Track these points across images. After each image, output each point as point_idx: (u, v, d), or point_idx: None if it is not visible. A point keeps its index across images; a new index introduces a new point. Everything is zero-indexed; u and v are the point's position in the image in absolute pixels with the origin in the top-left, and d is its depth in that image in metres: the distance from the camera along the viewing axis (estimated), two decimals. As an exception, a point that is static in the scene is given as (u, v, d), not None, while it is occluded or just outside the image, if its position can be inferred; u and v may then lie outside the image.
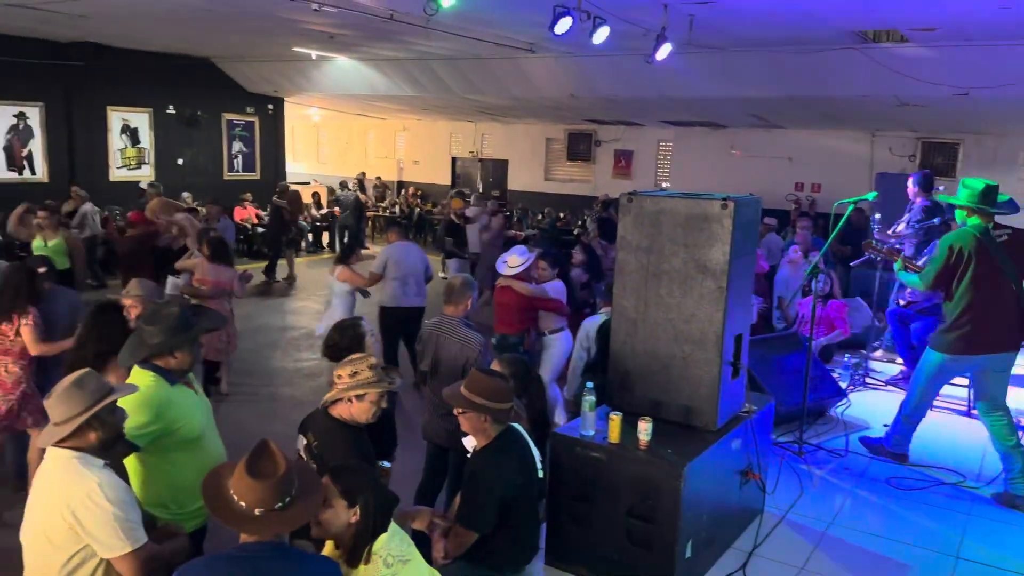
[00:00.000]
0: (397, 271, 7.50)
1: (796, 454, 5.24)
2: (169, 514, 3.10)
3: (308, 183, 20.38)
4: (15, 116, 13.50)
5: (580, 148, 18.43)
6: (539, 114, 16.93)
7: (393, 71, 13.98)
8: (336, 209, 16.58)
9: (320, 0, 8.11)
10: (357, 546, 2.52)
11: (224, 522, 2.27)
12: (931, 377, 5.05)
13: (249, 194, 15.90)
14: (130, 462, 3.08)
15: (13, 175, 13.47)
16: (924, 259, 5.61)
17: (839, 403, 6.22)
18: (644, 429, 3.54)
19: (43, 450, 2.68)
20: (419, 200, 19.47)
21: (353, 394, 3.17)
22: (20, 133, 13.61)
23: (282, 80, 16.09)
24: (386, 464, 3.32)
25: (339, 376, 3.26)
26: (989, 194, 4.79)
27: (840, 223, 5.50)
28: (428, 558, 2.91)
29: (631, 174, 17.44)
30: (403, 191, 20.55)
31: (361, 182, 18.10)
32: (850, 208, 5.51)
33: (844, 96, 10.67)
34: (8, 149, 13.47)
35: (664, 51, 8.18)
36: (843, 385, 6.49)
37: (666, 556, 3.46)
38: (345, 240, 15.61)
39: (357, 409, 3.19)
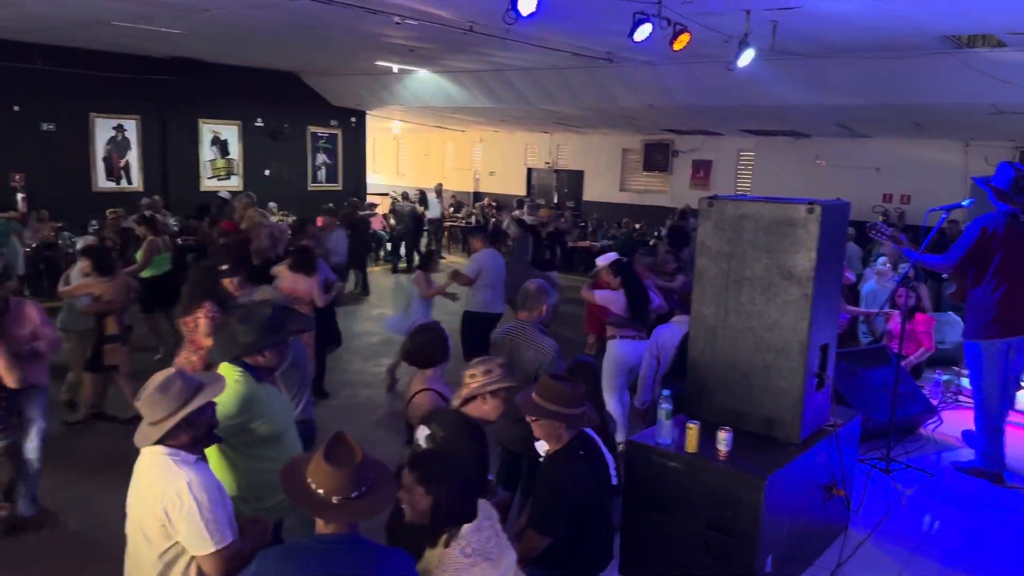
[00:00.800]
0: (489, 278, 7.69)
1: (883, 471, 5.03)
2: (248, 508, 3.19)
3: (387, 194, 20.82)
4: (114, 129, 14.23)
5: (657, 158, 18.27)
6: (615, 124, 16.86)
7: (471, 83, 14.16)
8: (391, 222, 16.79)
9: (402, 13, 8.28)
10: (432, 530, 2.62)
11: (302, 508, 2.34)
12: (984, 371, 4.90)
13: (331, 204, 16.29)
14: (212, 456, 3.16)
15: (111, 184, 14.19)
16: None
17: (929, 421, 5.95)
18: (724, 439, 3.45)
19: None
20: (495, 211, 19.61)
21: (488, 391, 3.25)
22: (118, 145, 14.34)
23: (364, 93, 16.49)
24: (490, 476, 3.39)
25: (472, 375, 3.36)
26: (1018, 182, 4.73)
27: (932, 233, 5.28)
28: None
29: (709, 185, 17.18)
30: (479, 202, 20.74)
31: (439, 193, 18.34)
32: (943, 217, 5.29)
33: (936, 104, 10.26)
34: (107, 160, 14.20)
35: (746, 58, 8.03)
36: (933, 402, 6.21)
37: (745, 570, 3.36)
38: (401, 252, 15.82)
39: (489, 407, 3.30)
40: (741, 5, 7.23)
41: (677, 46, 7.55)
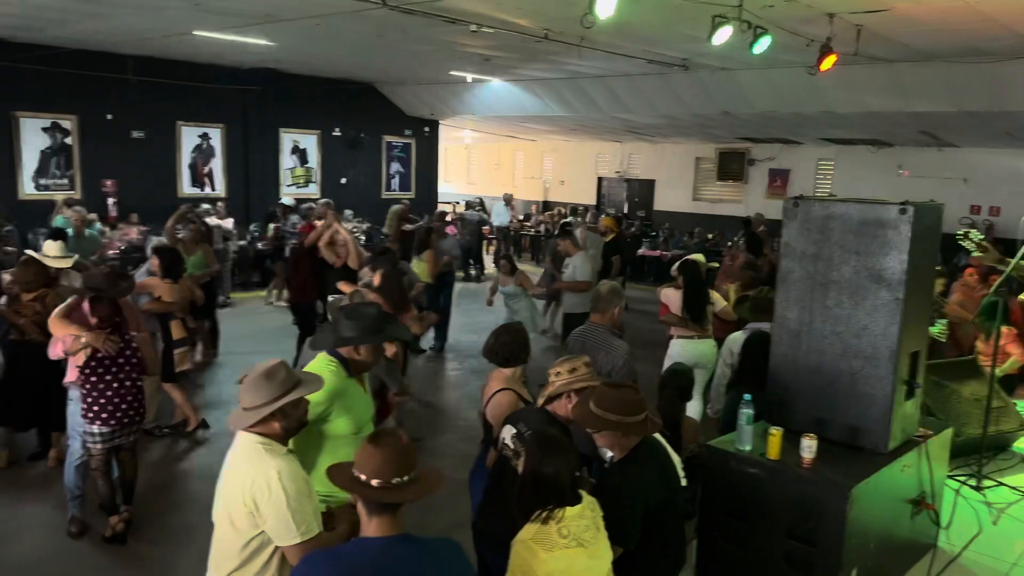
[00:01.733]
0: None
1: (974, 488, 4.81)
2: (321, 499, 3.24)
3: (457, 203, 21.04)
4: (199, 137, 14.78)
5: (732, 167, 17.98)
6: (688, 132, 16.67)
7: (543, 91, 14.21)
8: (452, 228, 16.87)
9: (479, 21, 8.38)
10: (529, 504, 2.70)
11: (345, 489, 2.34)
12: None
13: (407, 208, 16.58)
14: (296, 446, 3.25)
15: (196, 190, 14.73)
16: None
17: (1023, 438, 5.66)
18: (808, 446, 3.35)
19: None
20: (564, 218, 19.59)
21: (573, 388, 3.25)
22: (203, 153, 14.89)
23: (438, 103, 16.72)
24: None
25: (557, 373, 3.37)
26: None
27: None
28: None
29: (786, 194, 16.78)
30: (548, 211, 20.76)
31: (508, 202, 18.43)
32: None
33: (1028, 111, 9.84)
34: (193, 167, 14.75)
35: (829, 62, 7.84)
36: (1029, 419, 5.90)
37: (829, 582, 3.26)
38: (470, 260, 15.88)
39: (573, 405, 3.27)
40: (825, 8, 7.07)
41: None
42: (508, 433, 3.43)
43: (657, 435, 3.37)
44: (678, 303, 6.36)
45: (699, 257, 6.90)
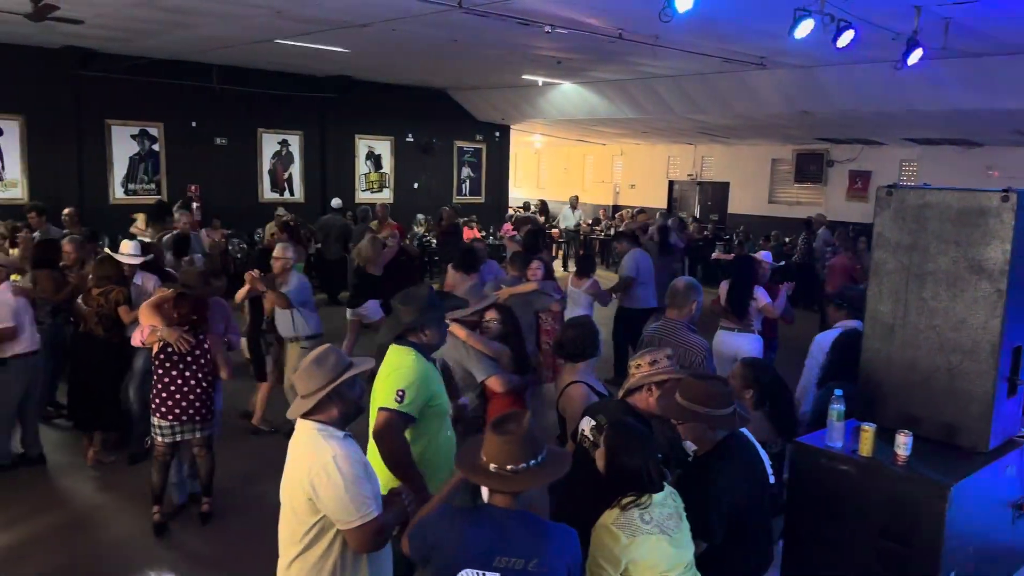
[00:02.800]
0: (643, 275, 8.41)
1: (1080, 497, 4.54)
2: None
3: (520, 207, 21.08)
4: (279, 143, 15.20)
5: (810, 169, 17.52)
6: (765, 133, 16.32)
7: (615, 94, 14.13)
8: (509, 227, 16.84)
9: (553, 22, 8.39)
10: (611, 490, 2.72)
11: (473, 479, 2.39)
12: None
13: (475, 216, 16.74)
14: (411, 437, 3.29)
15: (276, 195, 15.15)
16: None
17: None
18: (903, 443, 3.23)
19: None
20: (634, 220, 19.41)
21: (653, 381, 3.24)
22: (283, 159, 15.31)
23: (509, 108, 16.81)
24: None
25: (637, 365, 3.35)
26: None
27: None
28: None
29: (867, 197, 16.26)
30: (618, 214, 20.62)
31: (574, 206, 18.33)
32: None
33: None
34: (272, 173, 15.18)
35: (915, 57, 7.57)
36: None
37: (925, 585, 3.13)
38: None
39: (654, 398, 3.26)
40: (911, 0, 6.83)
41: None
42: (587, 424, 3.41)
43: (745, 430, 3.30)
44: (725, 295, 6.56)
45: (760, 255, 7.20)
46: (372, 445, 3.30)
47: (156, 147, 13.61)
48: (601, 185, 22.17)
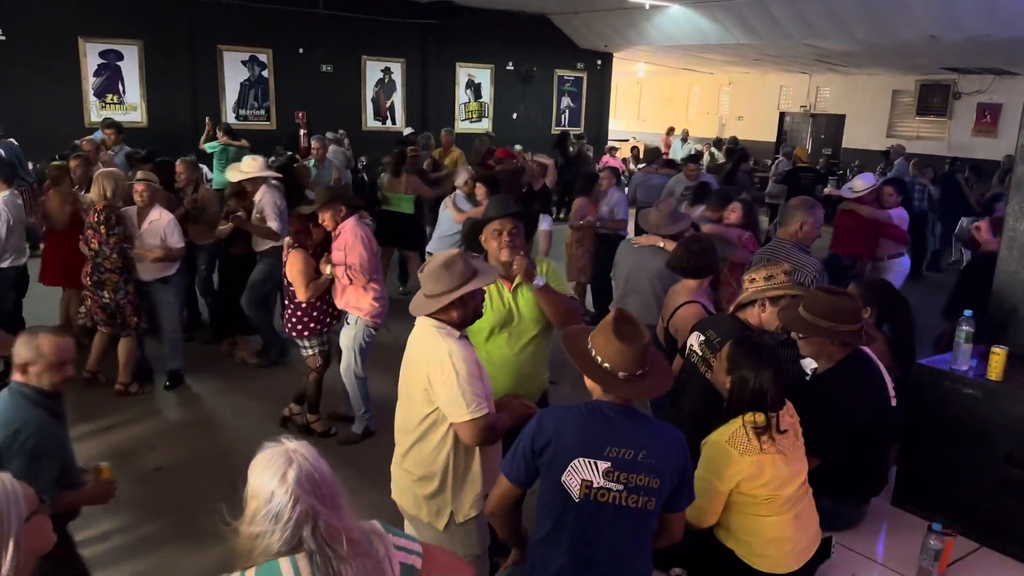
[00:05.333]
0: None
1: None
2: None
3: (627, 140, 20.63)
4: (382, 71, 15.28)
5: (933, 101, 16.39)
6: (886, 62, 15.30)
7: (726, 17, 13.46)
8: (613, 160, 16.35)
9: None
10: (727, 409, 2.68)
11: (589, 376, 2.39)
12: None
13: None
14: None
15: (378, 124, 15.31)
16: None
17: None
18: (1037, 367, 3.02)
19: None
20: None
21: (768, 296, 3.15)
22: (385, 87, 15.40)
23: (612, 34, 16.31)
24: None
25: (752, 280, 3.26)
26: None
27: None
28: None
29: (996, 132, 15.15)
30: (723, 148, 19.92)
31: (684, 139, 17.76)
32: None
33: None
34: (375, 101, 15.31)
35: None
36: None
37: (1053, 516, 2.95)
38: None
39: (768, 315, 3.19)
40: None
41: None
42: (696, 340, 3.34)
43: (869, 350, 3.16)
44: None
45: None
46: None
47: (265, 73, 13.92)
48: (706, 117, 21.41)
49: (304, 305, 5.01)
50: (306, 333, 5.09)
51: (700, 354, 3.29)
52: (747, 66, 18.62)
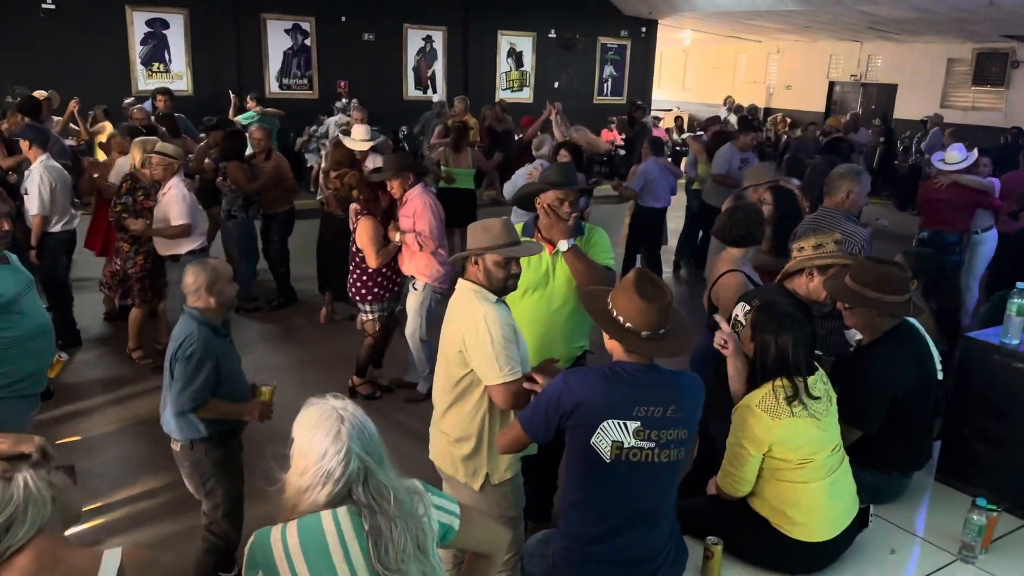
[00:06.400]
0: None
1: None
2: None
3: (670, 110, 20.31)
4: (423, 40, 15.20)
5: (991, 70, 15.79)
6: (942, 29, 14.75)
7: (777, -17, 13.11)
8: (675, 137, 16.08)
9: None
10: (753, 372, 2.68)
11: (611, 335, 2.38)
12: None
13: (615, 118, 16.22)
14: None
15: (419, 93, 15.27)
16: None
17: None
18: (1092, 341, 2.92)
19: None
20: (787, 128, 18.30)
21: (816, 264, 3.11)
22: (427, 55, 15.33)
23: (658, 0, 15.98)
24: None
25: (800, 248, 3.22)
26: None
27: None
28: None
29: (1057, 101, 14.57)
30: (770, 117, 19.49)
31: (731, 109, 17.38)
32: None
33: None
34: (416, 70, 15.26)
35: None
36: None
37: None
38: None
39: (817, 284, 3.14)
40: None
41: None
42: (741, 310, 3.30)
43: (916, 322, 3.09)
44: None
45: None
46: None
47: (308, 42, 13.96)
48: (753, 86, 20.93)
49: (371, 271, 5.13)
50: (369, 298, 5.21)
51: (744, 324, 3.25)
52: (797, 34, 18.12)
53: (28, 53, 11.51)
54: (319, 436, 1.72)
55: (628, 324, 2.32)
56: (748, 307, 3.27)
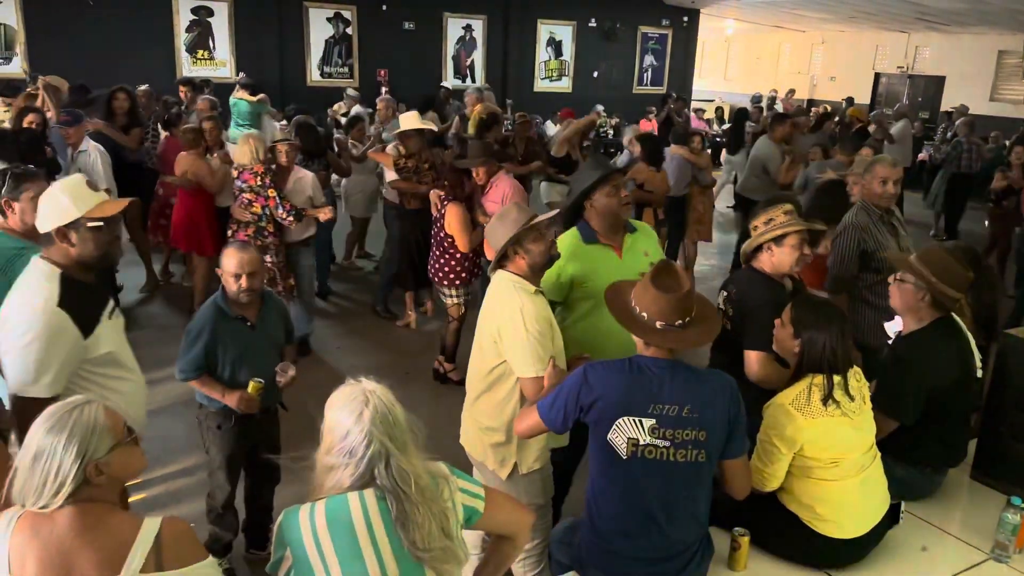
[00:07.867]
0: None
1: None
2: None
3: (712, 100, 20.06)
4: (463, 28, 15.23)
5: (1045, 62, 15.35)
6: (994, 20, 14.37)
7: (823, -28, 12.89)
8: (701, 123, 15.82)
9: None
10: (795, 373, 2.63)
11: (628, 328, 2.37)
12: None
13: (654, 108, 16.04)
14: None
15: (458, 81, 15.29)
16: None
17: None
18: None
19: None
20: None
21: (769, 238, 3.07)
22: (466, 44, 15.35)
23: (701, -12, 15.82)
24: None
25: (754, 228, 3.19)
26: None
27: None
28: None
29: (1114, 95, 14.11)
30: (813, 109, 19.16)
31: (774, 100, 17.14)
32: None
33: None
34: (456, 59, 15.30)
35: None
36: None
37: None
38: None
39: (779, 257, 3.10)
40: None
41: None
42: (721, 297, 3.30)
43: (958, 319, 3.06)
44: None
45: None
46: None
47: (349, 31, 14.06)
48: (797, 77, 20.59)
49: (459, 255, 5.21)
50: (457, 282, 5.29)
51: (723, 309, 3.25)
52: (842, 24, 17.79)
53: (77, 41, 11.76)
54: (344, 415, 1.77)
55: (644, 314, 2.32)
56: (725, 292, 3.26)
